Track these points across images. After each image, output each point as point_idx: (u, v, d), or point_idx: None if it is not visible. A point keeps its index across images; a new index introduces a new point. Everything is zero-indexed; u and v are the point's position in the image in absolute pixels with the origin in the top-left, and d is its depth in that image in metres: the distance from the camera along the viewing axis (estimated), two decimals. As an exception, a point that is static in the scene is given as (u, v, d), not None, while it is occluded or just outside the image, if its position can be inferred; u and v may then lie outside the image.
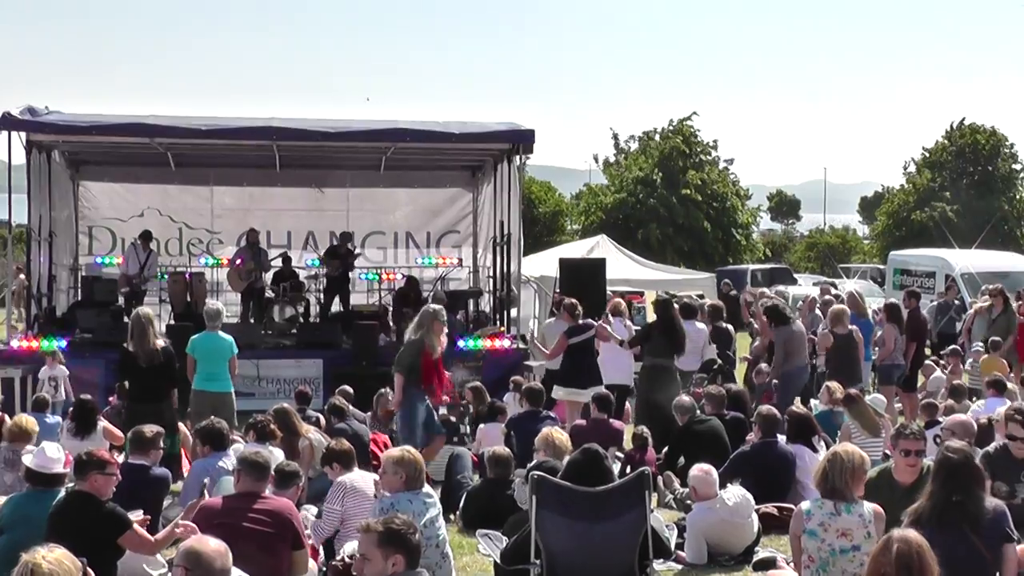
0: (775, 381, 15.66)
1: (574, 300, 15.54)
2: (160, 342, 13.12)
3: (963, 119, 59.50)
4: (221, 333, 13.84)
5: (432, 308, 13.65)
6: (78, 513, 7.69)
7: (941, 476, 6.99)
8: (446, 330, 14.06)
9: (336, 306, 22.89)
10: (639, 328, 16.61)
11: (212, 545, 5.64)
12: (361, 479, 9.51)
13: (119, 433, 12.73)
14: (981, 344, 18.78)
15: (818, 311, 19.52)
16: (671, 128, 56.50)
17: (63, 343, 18.56)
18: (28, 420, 11.66)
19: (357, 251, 23.65)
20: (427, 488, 8.40)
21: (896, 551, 5.29)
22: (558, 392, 15.23)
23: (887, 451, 11.51)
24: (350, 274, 23.12)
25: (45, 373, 16.98)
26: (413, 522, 6.23)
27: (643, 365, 15.31)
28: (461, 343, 19.27)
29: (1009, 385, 14.57)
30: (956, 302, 23.84)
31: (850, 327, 15.79)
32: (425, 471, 8.49)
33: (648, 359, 15.20)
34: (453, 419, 13.74)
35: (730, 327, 17.77)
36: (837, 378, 14.74)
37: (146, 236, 22.04)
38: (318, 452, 11.20)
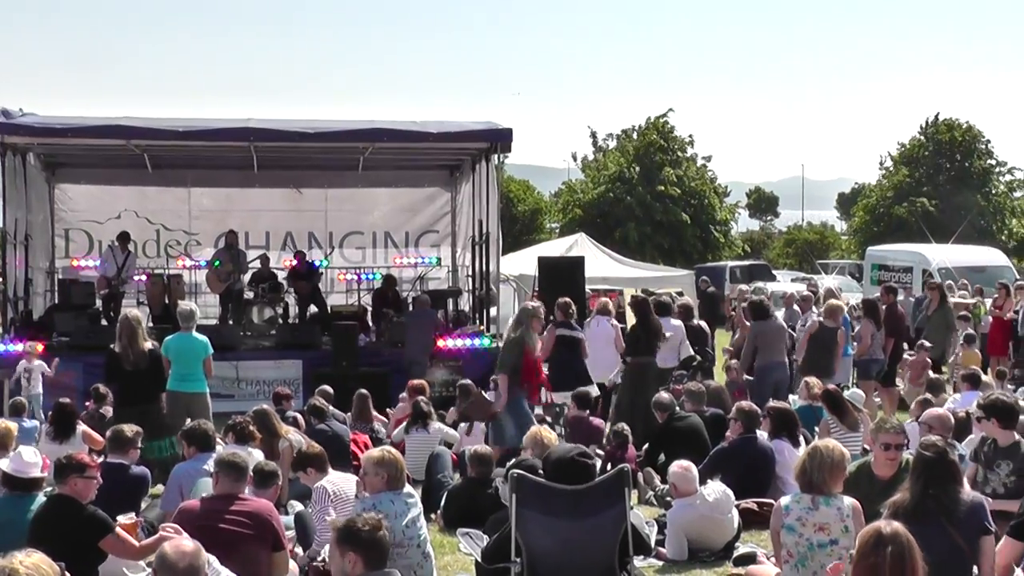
0: (747, 377, 15.70)
1: (567, 299, 15.53)
2: (148, 344, 13.08)
3: (937, 115, 59.69)
4: (195, 333, 13.77)
5: (531, 306, 13.54)
6: (59, 517, 7.64)
7: (919, 471, 7.02)
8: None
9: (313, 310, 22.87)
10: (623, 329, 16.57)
11: (182, 546, 5.66)
12: (343, 481, 9.50)
13: (98, 437, 12.67)
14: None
15: (796, 307, 19.54)
16: (648, 125, 56.53)
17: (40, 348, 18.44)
18: (8, 426, 11.56)
19: (324, 259, 23.57)
20: (408, 488, 8.38)
21: (891, 550, 5.29)
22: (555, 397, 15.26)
23: (866, 446, 11.56)
24: (319, 285, 23.11)
25: (23, 366, 16.91)
26: (380, 520, 6.22)
27: (628, 363, 15.33)
28: (441, 343, 19.31)
29: (984, 378, 14.65)
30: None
31: (838, 325, 15.81)
32: (406, 471, 8.46)
33: (633, 358, 15.24)
34: (548, 419, 13.62)
35: (704, 324, 17.76)
36: (810, 371, 14.83)
37: (124, 237, 21.95)
38: None
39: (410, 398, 14.88)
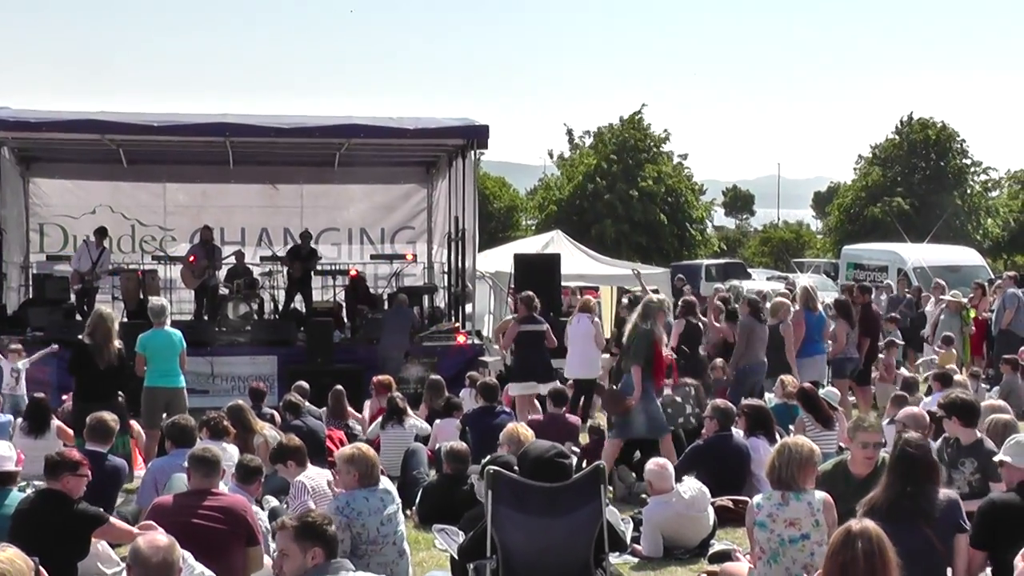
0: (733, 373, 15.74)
1: (530, 293, 15.63)
2: (118, 343, 13.03)
3: (911, 114, 59.85)
4: (168, 328, 13.73)
5: (657, 299, 13.54)
6: (49, 512, 7.62)
7: (900, 469, 7.03)
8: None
9: (298, 304, 22.76)
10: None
11: (156, 541, 5.67)
12: (320, 476, 9.50)
13: (71, 432, 12.63)
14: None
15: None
16: (623, 122, 56.48)
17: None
18: None
19: (320, 252, 23.58)
20: (385, 484, 8.37)
21: (861, 547, 5.30)
22: (513, 388, 15.28)
23: (842, 443, 11.60)
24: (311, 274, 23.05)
25: (7, 365, 16.83)
26: (327, 516, 6.33)
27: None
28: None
29: (957, 377, 14.72)
30: (907, 295, 23.98)
31: (781, 320, 15.79)
32: (380, 466, 8.45)
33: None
34: (679, 399, 13.57)
35: (701, 323, 17.75)
36: (771, 372, 14.95)
37: (100, 232, 21.84)
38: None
39: (377, 395, 14.89)
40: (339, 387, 14.95)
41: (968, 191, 57.86)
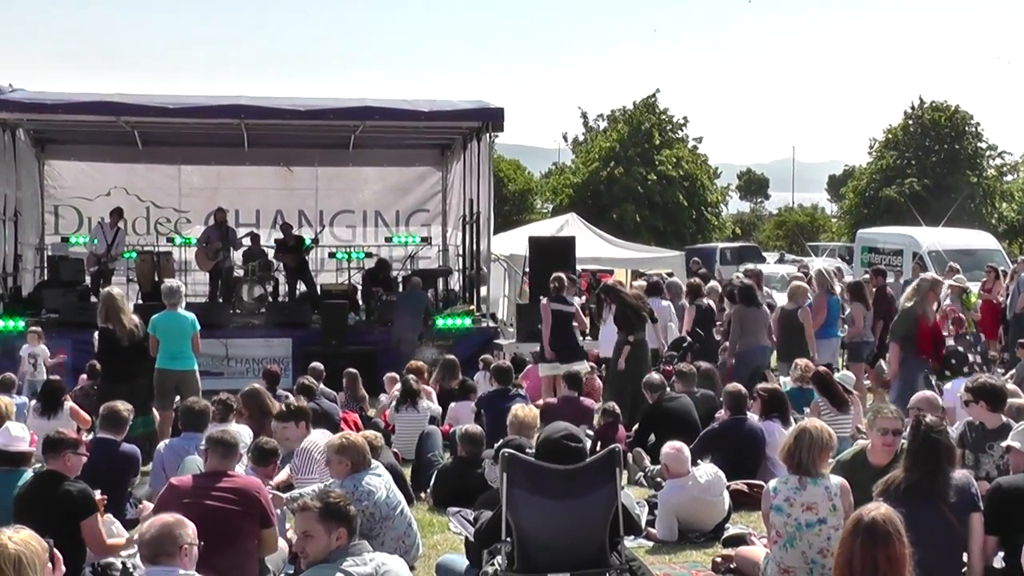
0: (733, 360, 15.70)
1: (560, 273, 15.62)
2: (135, 318, 13.04)
3: (921, 98, 59.66)
4: (182, 311, 13.71)
5: (931, 277, 13.61)
6: (47, 491, 7.62)
7: (923, 452, 6.99)
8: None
9: (301, 289, 22.81)
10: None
11: (160, 518, 5.74)
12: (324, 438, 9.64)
13: (86, 416, 12.65)
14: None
15: (767, 289, 19.49)
16: (639, 105, 56.42)
17: (21, 324, 18.40)
18: (7, 403, 11.48)
19: (308, 239, 23.49)
20: (374, 463, 8.56)
21: (871, 537, 5.26)
22: (542, 369, 15.29)
23: (859, 426, 11.57)
24: (307, 259, 23.02)
25: (26, 350, 16.87)
26: (346, 495, 6.37)
27: (617, 340, 15.36)
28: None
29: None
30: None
31: (800, 305, 15.72)
32: (368, 451, 8.55)
33: (621, 334, 15.29)
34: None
35: (712, 304, 17.70)
36: (784, 357, 14.88)
37: (116, 213, 21.87)
38: None
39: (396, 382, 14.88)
40: (353, 370, 14.95)
41: (983, 174, 57.67)
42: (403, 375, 14.26)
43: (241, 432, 10.12)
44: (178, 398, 12.59)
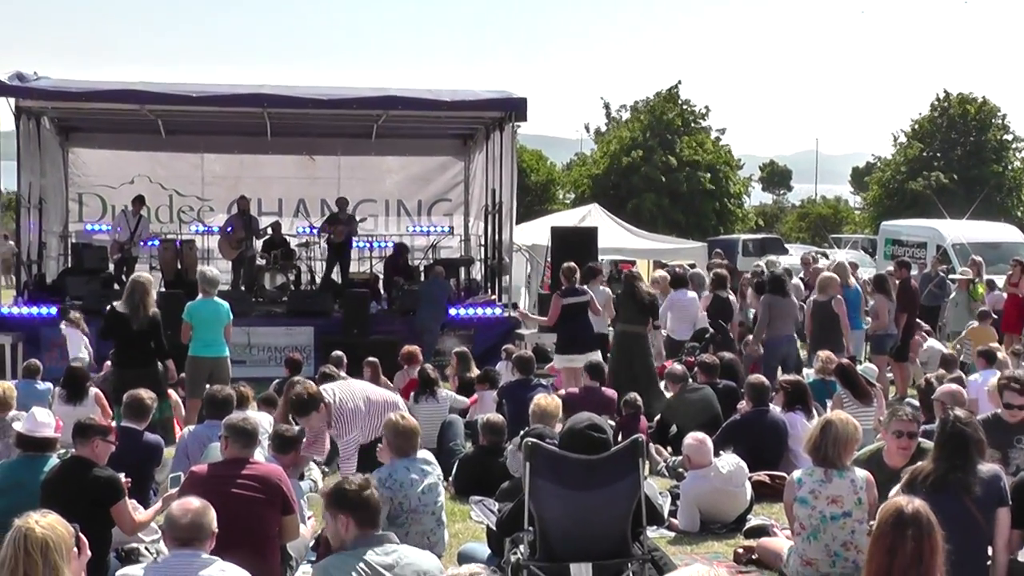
0: (760, 350, 15.68)
1: (571, 263, 15.55)
2: (155, 309, 13.09)
3: (946, 90, 59.35)
4: (217, 299, 13.81)
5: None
6: (75, 477, 7.64)
7: (952, 445, 6.95)
8: None
9: (335, 274, 22.79)
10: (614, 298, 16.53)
11: (180, 506, 5.79)
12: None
13: (107, 405, 12.70)
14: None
15: (797, 280, 19.44)
16: (661, 96, 56.30)
17: (54, 310, 18.53)
18: (7, 387, 11.54)
19: (359, 218, 23.58)
20: (425, 455, 8.56)
21: (911, 534, 5.21)
22: (557, 360, 15.26)
23: (879, 418, 11.55)
24: (353, 240, 23.00)
25: (70, 333, 16.94)
26: (367, 480, 6.24)
27: (616, 329, 15.38)
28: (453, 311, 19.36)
29: (1000, 355, 14.55)
30: (939, 274, 23.74)
31: (832, 296, 15.67)
32: (415, 439, 8.54)
33: (618, 325, 15.30)
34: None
35: (732, 297, 17.66)
36: (815, 348, 14.80)
37: (139, 201, 21.96)
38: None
39: (408, 366, 14.90)
40: (373, 359, 14.96)
41: (1009, 167, 57.34)
42: (422, 365, 14.27)
43: (260, 420, 10.16)
44: (209, 385, 12.64)
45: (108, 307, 13.57)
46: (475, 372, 15.01)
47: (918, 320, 18.13)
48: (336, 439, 10.15)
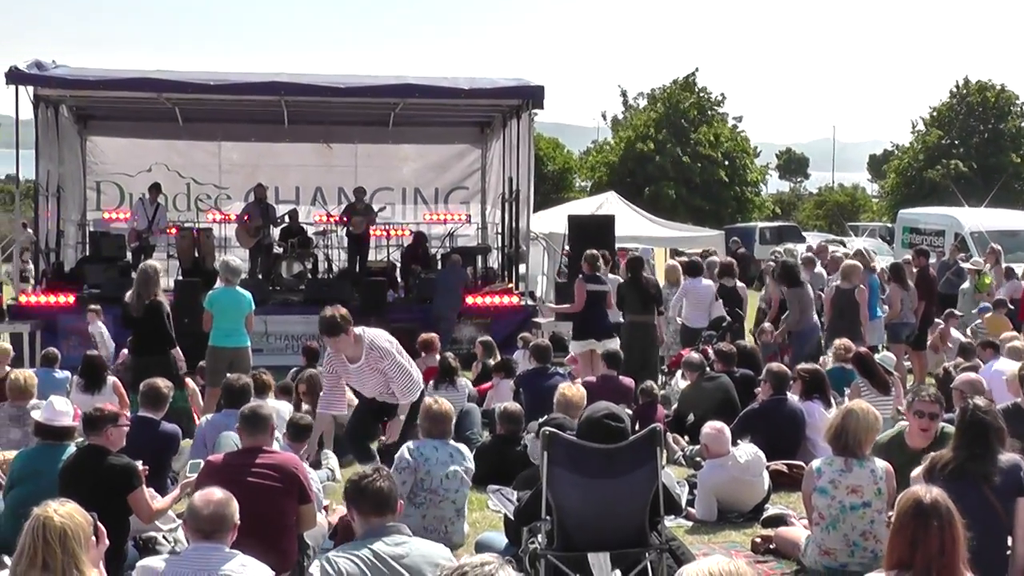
0: (786, 338, 15.65)
1: (594, 251, 15.51)
2: (161, 297, 13.08)
3: (966, 77, 59.21)
4: (239, 288, 13.82)
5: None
6: (91, 466, 7.64)
7: (972, 433, 6.92)
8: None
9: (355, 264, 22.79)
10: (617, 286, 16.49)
11: (203, 498, 5.75)
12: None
13: (124, 393, 12.73)
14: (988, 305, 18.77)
15: (819, 269, 19.38)
16: (678, 84, 56.20)
17: (71, 299, 18.59)
18: (27, 375, 11.57)
19: (377, 208, 23.55)
20: (461, 447, 8.85)
21: (935, 524, 5.16)
22: (573, 346, 15.25)
23: (898, 408, 11.51)
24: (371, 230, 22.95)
25: (96, 328, 17.04)
26: (379, 470, 6.18)
27: (623, 322, 15.37)
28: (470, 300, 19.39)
29: (1018, 343, 14.43)
30: (956, 262, 23.66)
31: (855, 284, 15.64)
32: (448, 423, 8.88)
33: (626, 316, 15.26)
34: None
35: (740, 285, 17.66)
36: (834, 335, 14.77)
37: (155, 189, 21.99)
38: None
39: (425, 354, 14.91)
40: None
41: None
42: (442, 354, 14.27)
43: (279, 408, 10.18)
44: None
45: (126, 296, 13.62)
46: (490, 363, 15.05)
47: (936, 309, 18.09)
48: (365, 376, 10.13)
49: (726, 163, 53.91)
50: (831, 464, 7.59)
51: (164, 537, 8.23)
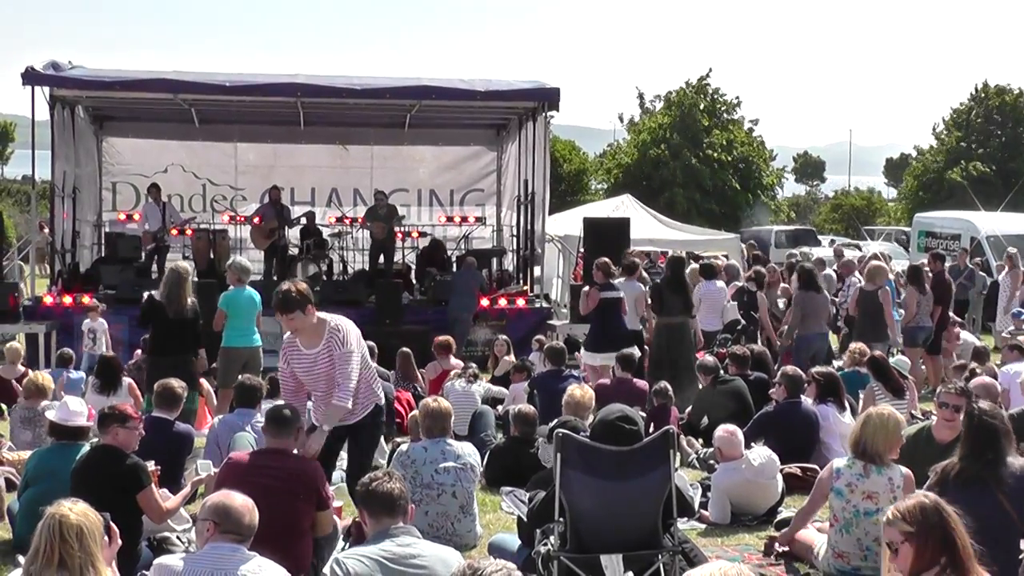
0: (790, 343, 15.62)
1: (606, 259, 15.36)
2: (192, 299, 13.10)
3: (985, 81, 59.10)
4: (250, 288, 13.87)
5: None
6: (101, 465, 7.65)
7: (979, 437, 6.91)
8: None
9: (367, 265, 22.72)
10: (651, 287, 16.36)
11: (240, 500, 5.71)
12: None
13: (139, 394, 12.75)
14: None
15: (831, 271, 19.35)
16: (692, 87, 56.08)
17: (87, 299, 18.63)
18: (44, 377, 11.61)
19: (400, 211, 23.46)
20: (462, 443, 9.03)
21: (940, 533, 5.15)
22: (587, 357, 15.14)
23: (912, 412, 11.49)
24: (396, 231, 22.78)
25: (87, 326, 17.06)
26: (387, 473, 6.23)
27: (657, 323, 15.21)
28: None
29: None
30: (968, 266, 23.56)
31: (879, 286, 15.61)
32: (446, 420, 8.97)
33: (663, 318, 15.11)
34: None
35: (752, 287, 17.62)
36: (860, 338, 14.72)
37: (155, 188, 22.00)
38: None
39: (439, 357, 14.93)
40: (406, 349, 14.97)
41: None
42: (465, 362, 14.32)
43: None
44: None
45: (146, 295, 13.62)
46: (513, 360, 15.09)
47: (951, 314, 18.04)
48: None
49: (740, 167, 53.78)
50: (851, 467, 7.60)
51: (178, 537, 8.25)
